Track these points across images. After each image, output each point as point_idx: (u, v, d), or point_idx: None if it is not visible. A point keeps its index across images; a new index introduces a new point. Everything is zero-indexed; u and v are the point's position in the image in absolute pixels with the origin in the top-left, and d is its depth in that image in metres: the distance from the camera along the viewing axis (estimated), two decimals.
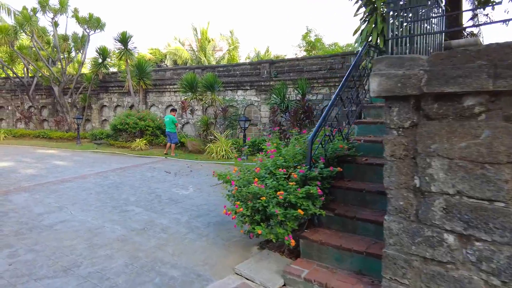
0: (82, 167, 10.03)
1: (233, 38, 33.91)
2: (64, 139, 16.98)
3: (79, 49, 17.52)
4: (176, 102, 16.11)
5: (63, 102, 17.14)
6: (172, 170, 9.54)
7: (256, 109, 14.10)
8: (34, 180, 8.13)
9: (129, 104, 17.43)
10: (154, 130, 14.57)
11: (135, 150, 13.63)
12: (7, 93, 20.65)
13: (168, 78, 16.19)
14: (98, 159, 11.70)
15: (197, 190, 7.28)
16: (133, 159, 11.56)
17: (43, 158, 11.86)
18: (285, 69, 13.32)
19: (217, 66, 14.92)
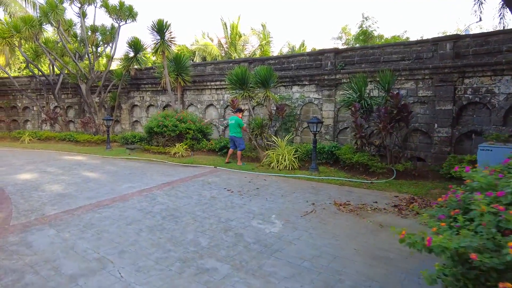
0: (118, 181, 8.04)
1: (265, 32, 31.81)
2: (91, 143, 15.23)
3: (108, 42, 15.72)
4: (218, 101, 14.03)
5: (90, 102, 15.38)
6: (233, 187, 7.40)
7: (315, 108, 11.82)
8: (61, 202, 6.15)
9: (163, 104, 15.49)
10: (196, 133, 12.54)
11: (175, 157, 11.63)
12: (32, 92, 19.19)
13: (209, 74, 14.13)
14: (134, 169, 9.72)
15: (287, 225, 5.08)
16: (177, 170, 9.52)
17: (70, 167, 9.99)
18: (355, 59, 10.98)
19: (268, 58, 12.75)
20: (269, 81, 10.80)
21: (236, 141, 10.15)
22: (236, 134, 10.11)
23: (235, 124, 10.11)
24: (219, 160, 10.94)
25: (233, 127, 10.13)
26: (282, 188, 7.34)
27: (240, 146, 10.14)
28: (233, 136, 10.17)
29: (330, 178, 8.33)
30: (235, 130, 10.11)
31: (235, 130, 10.12)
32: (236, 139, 10.14)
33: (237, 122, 10.10)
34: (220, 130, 14.08)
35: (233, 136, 10.18)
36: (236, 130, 10.11)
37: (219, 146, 11.74)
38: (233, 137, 10.19)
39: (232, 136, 10.22)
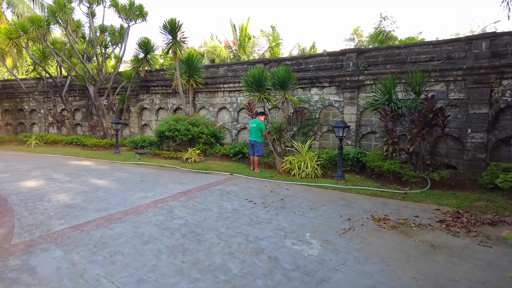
0: (130, 189, 7.44)
1: (275, 34, 31.29)
2: (99, 147, 14.71)
3: (117, 43, 15.21)
4: (230, 104, 13.43)
5: (98, 104, 14.87)
6: (254, 198, 6.76)
7: (336, 111, 11.16)
8: (69, 215, 5.56)
9: (174, 107, 14.93)
10: (209, 137, 11.94)
11: (187, 162, 11.03)
12: (40, 95, 18.78)
13: (221, 76, 13.55)
14: (146, 176, 9.13)
15: (326, 246, 4.43)
16: (192, 177, 8.91)
17: (78, 173, 9.43)
18: (379, 60, 10.32)
19: (284, 59, 12.14)
20: (287, 83, 10.17)
21: (256, 146, 9.52)
22: (257, 138, 9.49)
23: (256, 128, 9.49)
24: (234, 167, 10.32)
25: (254, 131, 9.52)
26: (309, 200, 6.69)
27: (259, 152, 9.51)
28: (254, 140, 9.53)
29: (359, 187, 7.65)
30: (256, 134, 9.50)
31: (256, 135, 9.50)
32: (257, 144, 9.51)
33: (258, 125, 9.48)
34: (233, 134, 13.48)
35: (253, 140, 9.54)
36: (257, 135, 9.49)
37: (233, 152, 11.12)
38: (254, 142, 9.55)
39: (252, 141, 9.58)
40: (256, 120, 9.61)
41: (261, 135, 9.51)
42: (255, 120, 9.68)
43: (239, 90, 13.09)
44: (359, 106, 10.67)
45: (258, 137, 9.51)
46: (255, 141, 9.52)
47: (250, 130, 9.71)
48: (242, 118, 13.28)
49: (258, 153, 9.52)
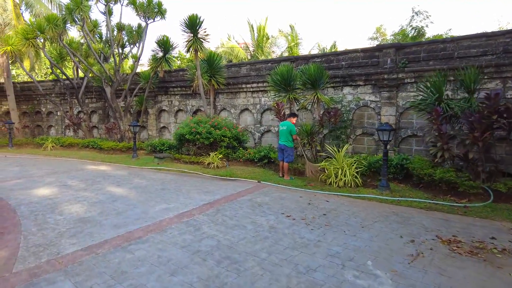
0: (150, 199, 6.69)
1: (294, 33, 30.43)
2: (116, 150, 14.11)
3: (135, 42, 14.64)
4: (253, 105, 12.61)
5: (115, 106, 14.29)
6: (292, 211, 5.89)
7: (372, 112, 10.20)
8: (82, 233, 4.81)
9: (193, 109, 14.22)
10: (231, 141, 11.14)
11: (209, 167, 10.26)
12: (57, 97, 18.43)
13: (244, 75, 12.75)
14: (166, 183, 8.38)
15: (398, 279, 3.51)
16: (216, 185, 8.10)
17: (93, 179, 8.77)
18: (420, 55, 9.32)
19: (313, 56, 11.22)
20: (319, 81, 9.29)
21: (286, 151, 8.63)
22: (287, 143, 8.59)
23: (286, 131, 8.59)
24: (260, 173, 9.48)
25: (284, 134, 8.62)
26: (356, 215, 5.77)
27: (289, 158, 8.61)
28: (284, 145, 8.62)
29: (410, 199, 6.68)
30: (287, 138, 8.59)
31: (287, 138, 8.60)
32: (287, 148, 8.60)
33: (289, 128, 8.58)
34: (256, 137, 12.65)
35: (283, 145, 8.63)
36: (287, 138, 8.59)
37: (258, 156, 10.28)
38: (284, 146, 8.63)
39: (282, 145, 8.66)
40: (286, 122, 8.72)
41: (291, 139, 8.61)
42: (285, 122, 8.78)
43: (263, 90, 12.26)
44: (398, 107, 9.68)
45: (289, 141, 8.60)
46: (285, 145, 8.61)
47: (280, 133, 8.82)
48: (266, 120, 12.44)
49: (288, 158, 8.62)
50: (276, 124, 12.09)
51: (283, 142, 8.65)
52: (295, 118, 8.83)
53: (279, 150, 8.87)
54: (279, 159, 8.91)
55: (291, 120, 8.74)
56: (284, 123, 8.75)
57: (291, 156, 8.62)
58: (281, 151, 8.78)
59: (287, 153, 8.60)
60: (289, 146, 8.58)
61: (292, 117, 8.81)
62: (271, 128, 12.24)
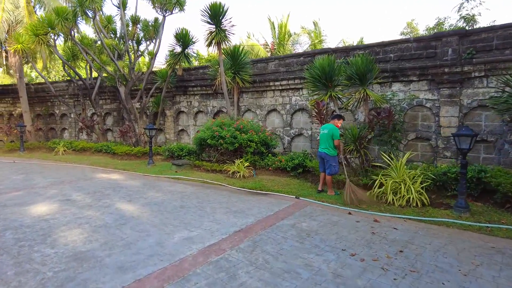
0: (168, 223, 5.32)
1: (317, 30, 28.86)
2: (131, 156, 12.92)
3: (151, 38, 13.45)
4: (283, 106, 11.14)
5: (130, 107, 13.11)
6: (355, 246, 4.38)
7: (427, 113, 8.57)
8: (74, 280, 3.46)
9: (214, 110, 12.88)
10: (259, 146, 9.71)
11: (234, 177, 8.87)
12: (70, 98, 17.49)
13: (272, 72, 11.31)
14: (186, 197, 7.02)
15: None
16: (246, 201, 6.67)
17: (102, 192, 7.50)
18: (493, 43, 7.64)
19: (354, 47, 9.65)
20: (367, 76, 7.74)
21: (328, 160, 7.07)
22: (327, 150, 7.04)
23: (328, 135, 7.02)
24: (295, 185, 8.02)
25: (326, 139, 7.05)
26: (444, 251, 4.21)
27: (332, 169, 7.03)
28: (324, 152, 7.08)
29: (505, 227, 5.06)
30: (327, 144, 7.03)
31: (327, 145, 7.03)
32: (328, 157, 7.05)
33: (331, 132, 7.00)
34: (285, 141, 11.17)
35: (323, 153, 7.09)
36: (328, 144, 7.03)
37: (291, 165, 8.81)
38: (324, 154, 7.09)
39: (322, 153, 7.12)
40: (329, 125, 7.16)
41: (333, 145, 7.01)
42: (327, 125, 7.23)
43: (293, 88, 10.79)
44: (462, 106, 8.02)
45: (330, 148, 7.03)
46: (325, 153, 7.05)
47: (320, 138, 7.27)
48: (296, 122, 10.95)
49: (331, 170, 7.05)
50: (309, 126, 10.59)
51: (323, 149, 7.08)
52: (340, 120, 7.24)
53: (319, 159, 7.35)
54: (321, 170, 7.37)
55: (334, 123, 7.16)
56: (326, 126, 7.20)
57: (335, 166, 7.04)
58: (322, 161, 7.24)
59: (329, 163, 7.04)
60: (331, 154, 7.03)
61: (336, 119, 7.22)
62: (303, 131, 10.74)
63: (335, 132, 6.97)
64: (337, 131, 6.98)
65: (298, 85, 10.51)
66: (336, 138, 6.95)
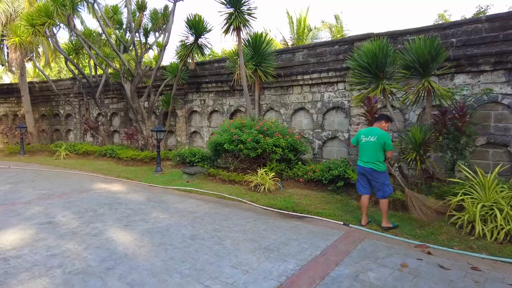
0: (172, 269, 3.72)
1: (339, 24, 27.05)
2: (137, 161, 11.42)
3: (161, 27, 11.94)
4: (312, 103, 9.43)
5: (136, 107, 11.61)
6: None
7: (504, 112, 6.74)
8: None
9: (231, 109, 11.26)
10: (286, 152, 8.04)
11: (257, 190, 7.24)
12: (75, 97, 16.17)
13: (299, 64, 9.61)
14: (199, 222, 5.42)
15: None
16: (279, 230, 5.01)
17: (95, 211, 5.97)
18: None
19: (403, 32, 7.80)
20: (432, 63, 5.97)
21: (375, 179, 5.03)
22: (375, 165, 4.99)
23: (377, 144, 4.99)
24: (336, 203, 6.36)
25: (373, 149, 5.01)
26: None
27: (386, 189, 5.01)
28: (370, 168, 5.03)
29: None
30: (376, 156, 4.99)
31: (375, 157, 4.99)
32: (377, 175, 5.01)
33: (382, 139, 4.97)
34: (315, 146, 9.46)
35: (369, 168, 5.04)
36: (376, 157, 4.99)
37: (329, 176, 7.09)
38: (370, 171, 5.05)
39: (367, 169, 5.07)
40: (375, 130, 5.12)
41: (383, 158, 5.05)
42: (373, 129, 5.18)
43: (327, 83, 9.08)
44: None
45: (378, 162, 4.98)
46: (372, 169, 5.01)
47: (364, 147, 5.14)
48: (330, 123, 9.24)
49: (385, 191, 5.01)
50: (345, 128, 8.86)
51: (369, 163, 5.03)
52: (388, 123, 5.30)
53: (360, 177, 5.27)
54: (361, 191, 5.29)
55: (381, 126, 5.19)
56: (371, 131, 5.14)
57: (389, 185, 5.05)
58: (364, 179, 5.21)
59: (380, 182, 5.01)
60: (381, 170, 5.00)
61: (384, 122, 5.27)
62: (337, 134, 9.01)
63: (387, 139, 4.98)
64: (389, 138, 5.02)
65: (333, 79, 8.79)
66: (389, 149, 5.01)
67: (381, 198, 5.03)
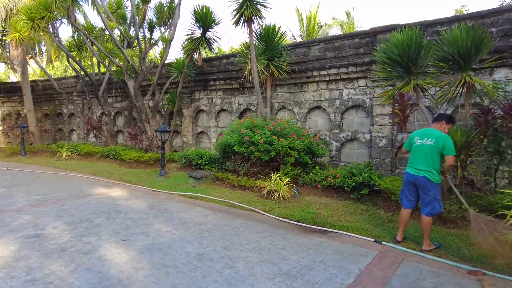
0: None
1: (350, 21, 26.21)
2: (140, 163, 10.78)
3: (166, 21, 11.28)
4: (330, 102, 8.67)
5: (140, 105, 10.96)
6: None
7: None
8: None
9: (240, 108, 10.56)
10: (302, 155, 7.30)
11: (270, 198, 6.51)
12: (78, 95, 15.62)
13: (315, 59, 8.86)
14: (206, 236, 4.72)
15: None
16: (300, 248, 4.28)
17: (90, 222, 5.31)
18: None
19: (433, 22, 6.99)
20: (474, 54, 5.18)
21: (427, 191, 4.15)
22: (430, 174, 4.12)
23: (435, 148, 4.11)
24: (362, 214, 5.62)
25: (430, 155, 4.13)
26: None
27: (436, 205, 4.12)
28: (424, 177, 4.13)
29: None
30: (432, 163, 4.12)
31: (431, 164, 4.12)
32: (430, 186, 4.13)
33: (441, 142, 4.10)
34: (332, 148, 8.71)
35: (423, 177, 4.14)
36: (433, 164, 4.12)
37: (352, 183, 6.33)
38: (423, 181, 4.14)
39: (420, 178, 4.17)
40: (434, 131, 4.24)
41: (439, 166, 4.20)
42: (429, 130, 4.31)
43: (346, 79, 8.32)
44: None
45: (434, 171, 4.12)
46: (427, 178, 4.12)
47: (417, 151, 4.27)
48: (349, 122, 8.48)
49: (434, 207, 4.12)
50: (367, 128, 8.09)
51: (423, 171, 4.15)
52: (449, 124, 4.45)
53: (408, 187, 4.39)
54: (405, 205, 4.42)
55: (441, 128, 4.34)
56: (429, 132, 4.25)
57: (439, 203, 4.14)
58: (412, 190, 4.34)
59: (431, 195, 4.12)
60: (436, 181, 4.14)
61: (444, 122, 4.37)
62: (357, 135, 8.25)
63: (447, 142, 4.09)
64: (450, 141, 4.16)
65: (353, 74, 8.03)
66: (450, 153, 4.09)
67: (428, 215, 4.16)
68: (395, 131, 7.56)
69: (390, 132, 7.56)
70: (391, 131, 7.56)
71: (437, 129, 4.31)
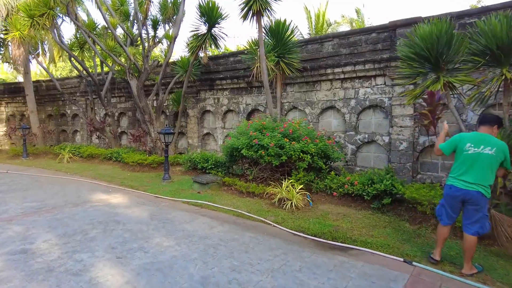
0: None
1: (360, 18, 25.50)
2: (143, 167, 10.30)
3: (170, 17, 10.79)
4: (345, 102, 8.08)
5: (144, 106, 10.48)
6: None
7: None
8: None
9: (248, 108, 10.01)
10: (315, 159, 6.73)
11: (281, 207, 5.95)
12: (81, 96, 15.23)
13: (329, 55, 8.29)
14: (212, 252, 4.20)
15: None
16: (319, 270, 3.72)
17: (84, 236, 4.82)
18: None
19: (462, 14, 6.33)
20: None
21: (479, 208, 3.51)
22: (485, 189, 3.49)
23: (494, 159, 3.47)
24: (385, 226, 5.03)
25: (489, 166, 3.48)
26: None
27: (485, 224, 3.55)
28: (477, 192, 3.47)
29: None
30: (489, 175, 3.50)
31: (488, 177, 3.50)
32: (483, 202, 3.51)
33: (502, 153, 3.47)
34: (348, 151, 8.11)
35: (476, 192, 3.48)
36: (491, 177, 3.53)
37: (372, 191, 5.75)
38: (477, 196, 3.48)
39: (473, 193, 3.48)
40: (491, 138, 3.55)
41: (492, 179, 3.58)
42: (485, 136, 3.59)
43: (362, 77, 7.73)
44: None
45: (489, 186, 3.53)
46: (481, 193, 3.49)
47: (472, 161, 3.53)
48: (365, 124, 7.88)
49: (483, 226, 3.54)
50: (385, 130, 7.48)
51: (478, 185, 3.48)
52: (497, 126, 3.73)
53: (451, 202, 3.70)
54: (445, 222, 3.79)
55: (493, 133, 3.65)
56: (485, 139, 3.55)
57: (488, 221, 3.60)
58: (457, 206, 3.69)
59: (481, 211, 3.53)
60: (489, 195, 3.55)
61: (496, 126, 3.70)
62: (375, 138, 7.64)
63: (507, 154, 3.50)
64: (507, 149, 3.52)
65: (370, 72, 7.44)
66: (509, 167, 3.58)
67: (474, 234, 3.54)
68: (417, 133, 6.95)
69: (411, 135, 6.95)
70: (412, 134, 6.95)
71: (489, 134, 3.65)
